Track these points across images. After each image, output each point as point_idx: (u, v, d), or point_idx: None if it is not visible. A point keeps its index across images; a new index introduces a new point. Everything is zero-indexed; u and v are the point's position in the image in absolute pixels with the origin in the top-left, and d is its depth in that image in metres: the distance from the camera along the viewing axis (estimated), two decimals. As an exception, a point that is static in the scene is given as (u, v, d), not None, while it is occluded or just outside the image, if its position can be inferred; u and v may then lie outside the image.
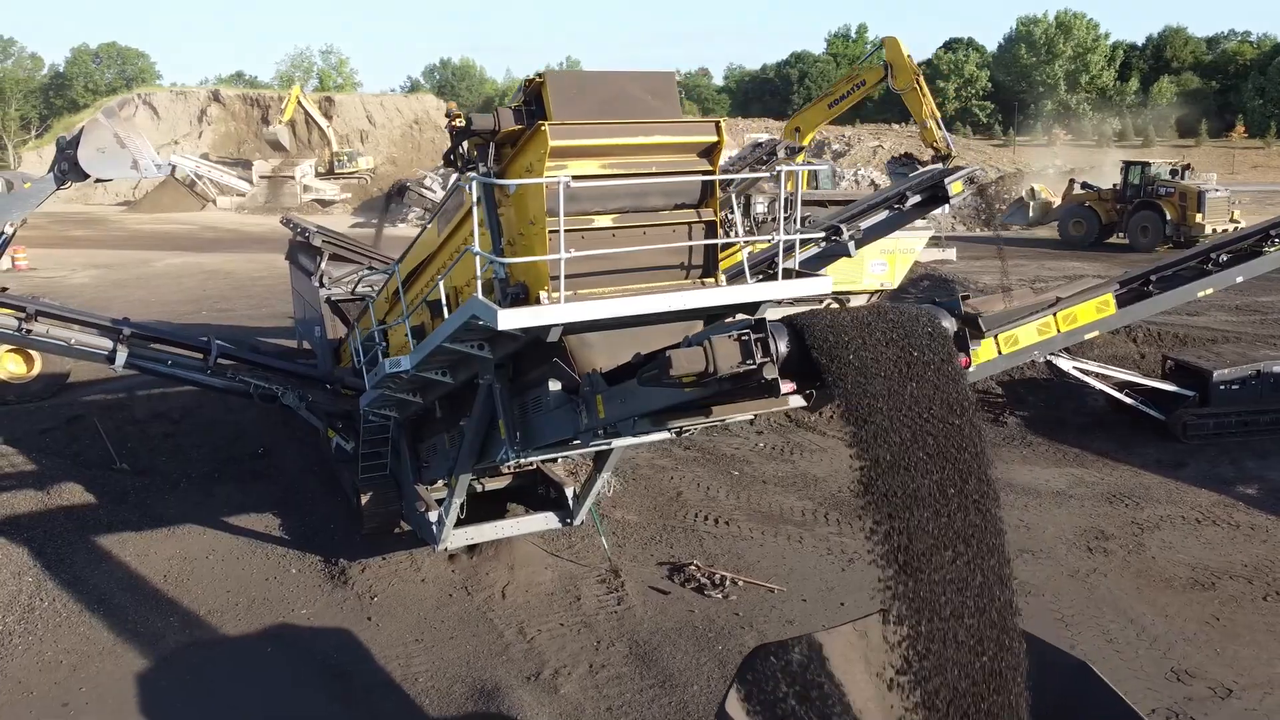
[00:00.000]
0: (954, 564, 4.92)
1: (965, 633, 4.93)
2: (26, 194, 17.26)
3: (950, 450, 4.90)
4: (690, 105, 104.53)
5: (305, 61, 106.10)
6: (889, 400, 4.80)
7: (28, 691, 9.08)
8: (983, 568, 5.02)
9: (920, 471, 4.83)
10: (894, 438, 4.81)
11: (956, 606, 4.91)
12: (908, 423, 4.83)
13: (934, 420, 4.87)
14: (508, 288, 7.13)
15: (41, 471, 13.58)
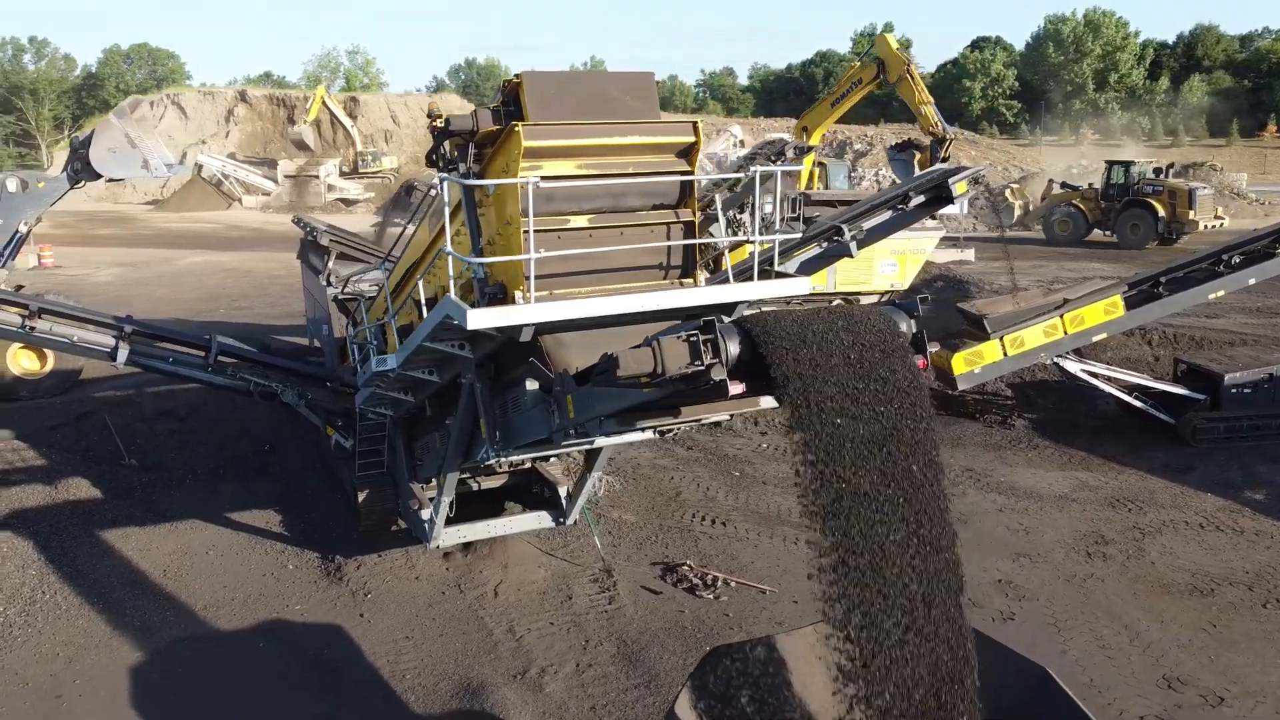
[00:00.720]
0: (900, 577, 4.86)
1: (912, 644, 4.88)
2: (40, 193, 17.61)
3: (902, 456, 4.85)
4: (714, 105, 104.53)
5: (332, 62, 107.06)
6: (838, 403, 4.76)
7: (24, 683, 9.23)
8: (930, 576, 4.96)
9: (870, 477, 4.78)
10: (843, 442, 4.77)
11: (901, 617, 4.86)
12: (858, 426, 4.79)
13: (886, 423, 4.83)
14: (486, 287, 7.16)
15: (50, 466, 13.78)
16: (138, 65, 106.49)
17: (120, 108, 17.31)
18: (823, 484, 4.74)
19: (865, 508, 4.73)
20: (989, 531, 12.04)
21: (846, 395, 4.76)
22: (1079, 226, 36.06)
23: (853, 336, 4.96)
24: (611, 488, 13.68)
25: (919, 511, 4.90)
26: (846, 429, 4.74)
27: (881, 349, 4.97)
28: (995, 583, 10.70)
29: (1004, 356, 14.89)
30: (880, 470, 4.77)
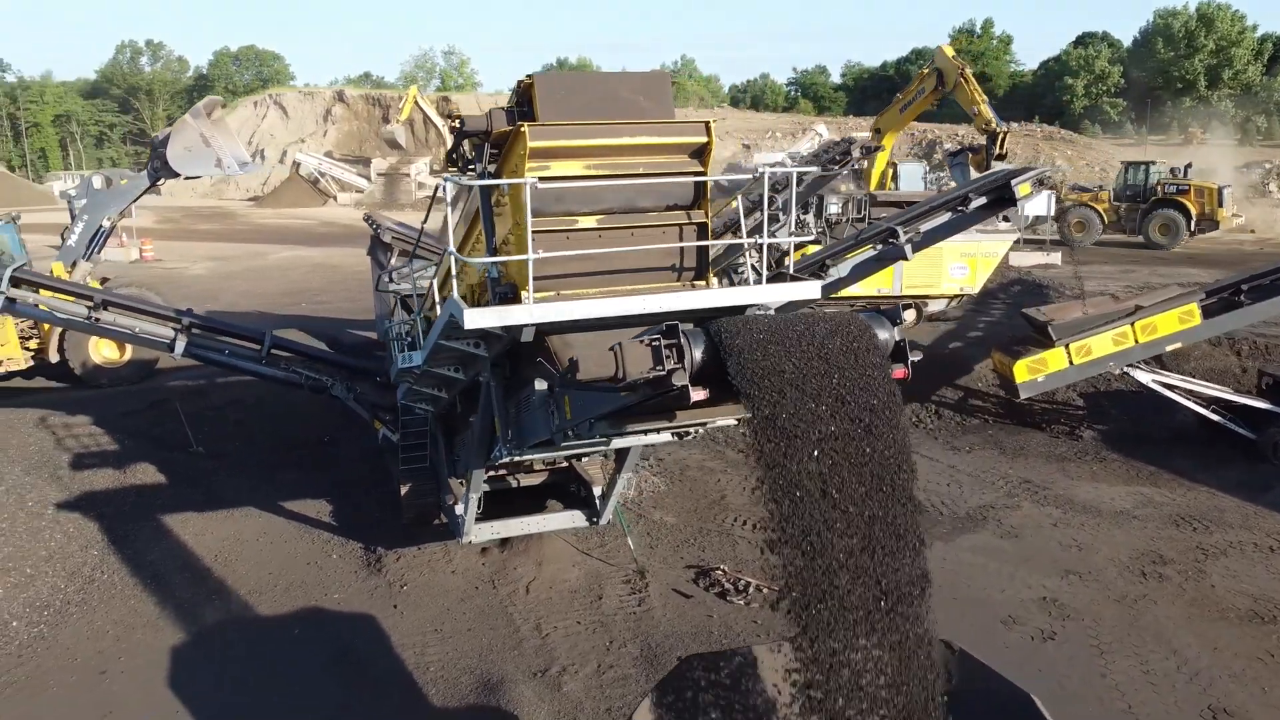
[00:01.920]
0: (863, 591, 4.68)
1: (871, 660, 4.70)
2: (123, 190, 18.44)
3: (872, 468, 4.68)
4: (805, 103, 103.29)
5: (428, 62, 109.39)
6: (803, 414, 4.61)
7: (73, 658, 9.67)
8: (896, 594, 4.77)
9: (836, 491, 4.61)
10: (807, 454, 4.61)
11: (860, 634, 4.68)
12: (823, 437, 4.63)
13: (855, 436, 4.66)
14: (498, 287, 7.20)
15: (122, 451, 14.40)
16: (245, 66, 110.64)
17: (196, 108, 17.91)
18: (784, 501, 4.60)
19: (828, 527, 4.58)
20: (1039, 546, 11.60)
21: (810, 406, 4.61)
22: (1093, 228, 35.09)
23: (821, 345, 4.81)
24: (656, 489, 13.64)
25: (886, 534, 4.71)
26: (809, 442, 4.59)
27: (852, 358, 4.81)
28: (1039, 600, 10.30)
29: (1069, 365, 14.35)
30: (844, 486, 4.61)
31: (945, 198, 13.71)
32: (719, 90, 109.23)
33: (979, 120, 26.14)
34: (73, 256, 18.73)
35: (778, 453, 4.63)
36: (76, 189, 19.52)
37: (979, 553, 11.45)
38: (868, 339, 4.99)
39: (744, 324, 4.97)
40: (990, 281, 22.61)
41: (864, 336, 4.99)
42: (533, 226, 6.81)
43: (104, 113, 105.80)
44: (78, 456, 14.06)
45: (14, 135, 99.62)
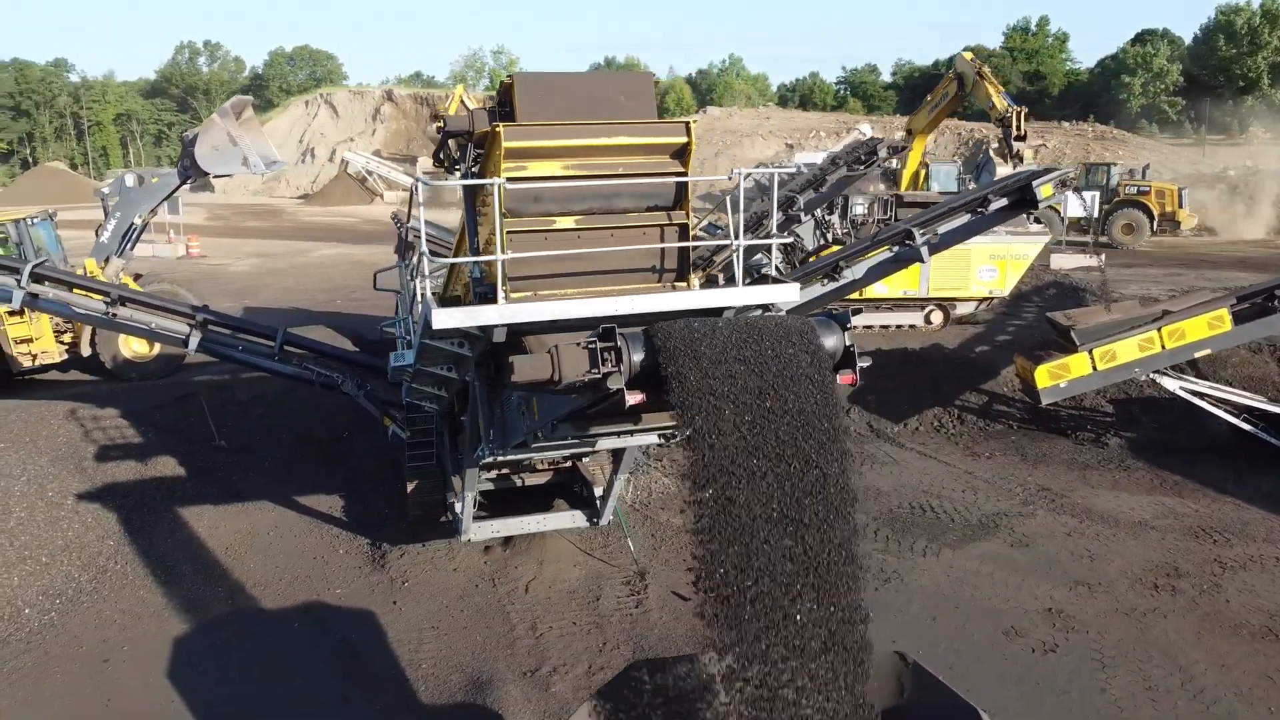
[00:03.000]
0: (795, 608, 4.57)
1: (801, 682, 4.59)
2: (155, 188, 18.86)
3: (805, 478, 4.57)
4: (854, 102, 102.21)
5: (477, 62, 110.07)
6: (735, 421, 4.52)
7: (79, 645, 9.89)
8: (827, 613, 4.65)
9: (766, 500, 4.52)
10: (737, 461, 4.52)
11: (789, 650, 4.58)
12: (756, 445, 4.54)
13: (790, 444, 4.57)
14: (479, 287, 7.20)
15: (146, 444, 14.71)
16: (299, 66, 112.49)
17: (223, 108, 18.26)
18: (711, 505, 4.53)
19: (756, 532, 4.49)
20: (1050, 556, 11.34)
21: (743, 410, 4.53)
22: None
23: (759, 350, 4.72)
24: (665, 489, 13.57)
25: (818, 544, 4.60)
26: (741, 446, 4.51)
27: (790, 363, 4.71)
28: (1044, 611, 10.07)
29: (1093, 371, 14.00)
30: (775, 494, 4.52)
31: (964, 199, 13.46)
32: (766, 89, 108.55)
33: (994, 112, 26.10)
34: (105, 253, 19.24)
35: (707, 457, 4.56)
36: (109, 187, 20.03)
37: (987, 561, 11.22)
38: (811, 344, 4.89)
39: (682, 328, 4.91)
40: (1024, 284, 22.21)
41: (809, 341, 4.89)
42: (511, 227, 6.83)
43: (163, 111, 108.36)
44: (103, 449, 14.39)
45: (77, 134, 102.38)
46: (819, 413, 4.68)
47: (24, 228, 17.54)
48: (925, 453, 15.09)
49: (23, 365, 17.30)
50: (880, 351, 17.81)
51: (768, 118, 63.60)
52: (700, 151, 56.76)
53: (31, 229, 17.64)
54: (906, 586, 10.69)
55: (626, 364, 4.86)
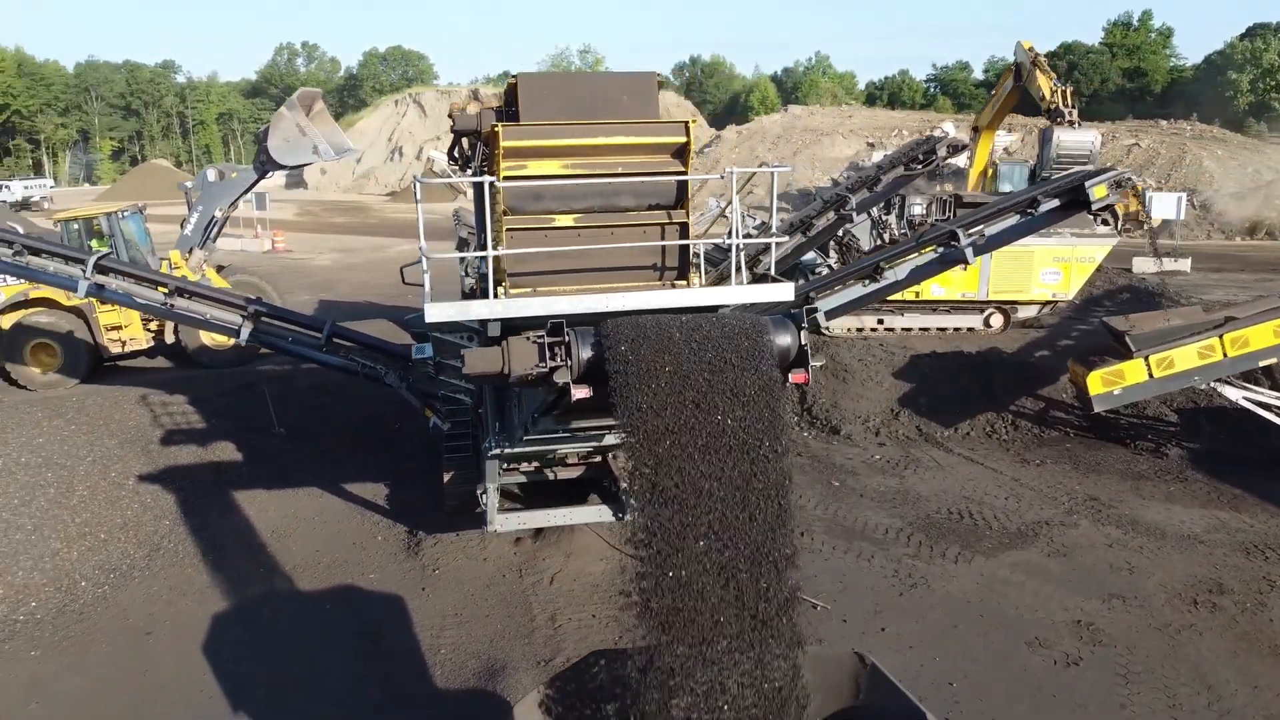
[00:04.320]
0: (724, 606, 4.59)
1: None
2: (234, 183, 19.71)
3: (744, 480, 4.57)
4: (944, 100, 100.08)
5: (564, 61, 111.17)
6: (674, 420, 4.56)
7: (125, 618, 10.43)
8: (756, 608, 4.65)
9: (703, 498, 4.54)
10: (673, 462, 4.54)
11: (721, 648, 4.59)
12: (695, 443, 4.57)
13: (731, 443, 4.58)
14: (484, 283, 7.39)
15: (208, 430, 15.38)
16: (392, 66, 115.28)
17: (290, 100, 19.03)
18: (648, 501, 4.58)
19: (691, 526, 4.53)
20: (1087, 567, 11.02)
21: (682, 407, 4.57)
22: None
23: (702, 348, 4.74)
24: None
25: (752, 533, 4.62)
26: (679, 444, 4.55)
27: (734, 360, 4.72)
28: (1072, 623, 9.80)
29: (1149, 378, 13.52)
30: (713, 490, 4.55)
31: (1013, 199, 13.14)
32: (853, 87, 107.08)
33: (1044, 102, 25.63)
34: (188, 245, 20.21)
35: (642, 452, 4.61)
36: (193, 181, 21.04)
37: (1020, 570, 10.97)
38: (757, 343, 4.90)
39: (627, 323, 4.97)
40: (1095, 287, 21.56)
41: (753, 340, 4.90)
42: (511, 224, 7.00)
43: (262, 111, 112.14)
44: (169, 433, 15.10)
45: (182, 132, 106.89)
46: (759, 409, 4.69)
47: (115, 221, 18.67)
48: (973, 458, 14.78)
49: (112, 351, 18.30)
50: (934, 354, 17.52)
51: (850, 116, 62.74)
52: (778, 150, 56.38)
53: (122, 222, 18.74)
54: (931, 592, 10.53)
55: (575, 359, 4.95)
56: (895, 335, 18.70)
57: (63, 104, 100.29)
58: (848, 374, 16.98)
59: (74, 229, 18.79)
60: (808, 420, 16.47)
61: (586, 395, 5.04)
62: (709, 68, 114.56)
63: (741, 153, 56.85)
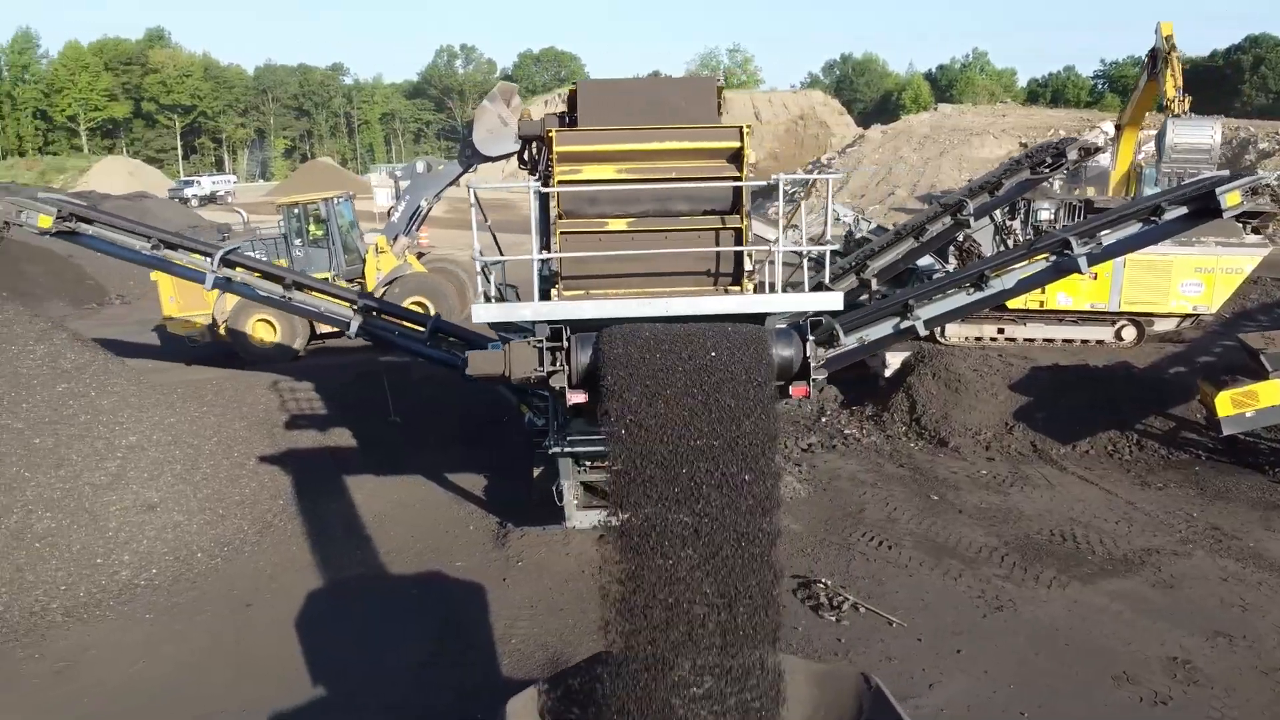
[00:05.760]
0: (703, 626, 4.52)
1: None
2: (440, 175, 20.93)
3: (729, 497, 4.50)
4: (1112, 97, 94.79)
5: (713, 61, 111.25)
6: (659, 428, 4.53)
7: (231, 590, 11.17)
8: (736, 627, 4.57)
9: (685, 502, 4.51)
10: (654, 476, 4.50)
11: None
12: (678, 454, 4.53)
13: (715, 456, 4.52)
14: (543, 284, 7.58)
15: (329, 416, 16.25)
16: (545, 67, 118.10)
17: (492, 93, 20.01)
18: (626, 506, 4.59)
19: (668, 534, 4.50)
20: (1194, 600, 10.31)
21: (668, 420, 4.54)
22: None
23: (698, 357, 4.70)
24: (795, 494, 13.45)
25: (732, 547, 4.55)
26: (666, 456, 4.52)
27: (727, 376, 4.66)
28: (1167, 659, 9.18)
29: (1287, 400, 12.53)
30: (693, 504, 4.51)
31: (1134, 206, 12.38)
32: (1012, 84, 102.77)
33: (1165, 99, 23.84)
34: (394, 232, 21.69)
35: (624, 460, 4.62)
36: (403, 171, 22.61)
37: (1118, 599, 10.36)
38: (755, 355, 4.82)
39: (625, 331, 4.98)
40: (1247, 301, 20.07)
41: (752, 352, 4.82)
42: (565, 228, 7.14)
43: (422, 111, 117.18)
44: (293, 417, 16.04)
45: (348, 131, 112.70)
46: (751, 421, 4.62)
47: (331, 206, 20.53)
48: (1088, 478, 14.03)
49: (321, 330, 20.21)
50: (1057, 367, 16.71)
51: (1003, 115, 60.29)
52: (924, 150, 54.80)
53: (336, 207, 20.60)
54: (1017, 616, 10.08)
55: (574, 364, 5.02)
56: (1016, 345, 17.91)
57: (243, 105, 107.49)
58: (961, 384, 16.39)
59: (294, 213, 21.09)
60: (915, 431, 16.01)
61: (582, 400, 5.11)
62: (860, 65, 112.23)
63: (885, 152, 55.50)
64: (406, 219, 21.83)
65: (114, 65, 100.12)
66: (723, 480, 4.56)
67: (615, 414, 4.60)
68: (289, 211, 21.36)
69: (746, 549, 4.62)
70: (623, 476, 4.63)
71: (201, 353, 20.71)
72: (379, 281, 21.39)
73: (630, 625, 4.68)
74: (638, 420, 4.58)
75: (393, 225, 21.91)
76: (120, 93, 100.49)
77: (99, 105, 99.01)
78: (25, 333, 12.96)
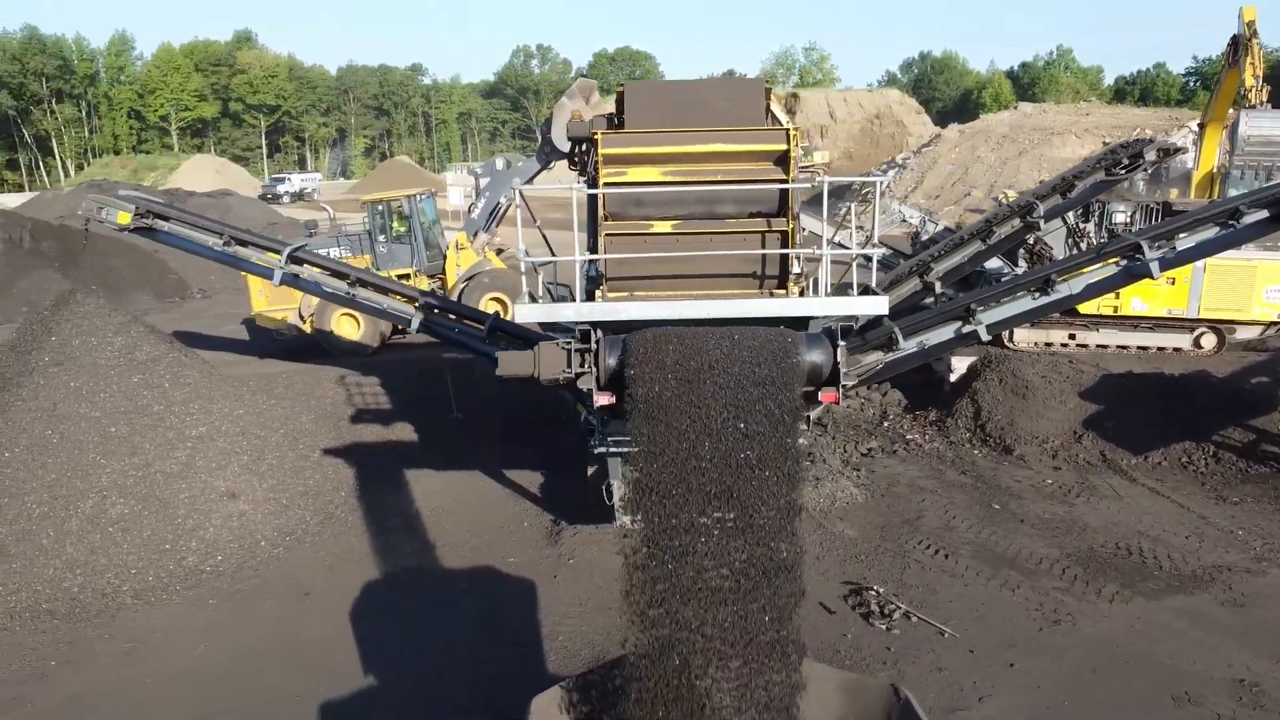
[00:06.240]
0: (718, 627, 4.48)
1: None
2: (520, 172, 21.30)
3: (748, 499, 4.45)
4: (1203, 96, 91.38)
5: (788, 59, 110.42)
6: (679, 433, 4.49)
7: (292, 578, 11.47)
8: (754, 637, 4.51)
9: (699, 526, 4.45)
10: (675, 478, 4.47)
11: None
12: (697, 457, 4.49)
13: (737, 460, 4.46)
14: (590, 285, 7.62)
15: (393, 410, 16.57)
16: (620, 66, 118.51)
17: (571, 90, 20.35)
18: (648, 509, 4.57)
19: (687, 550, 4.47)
20: (1266, 621, 9.89)
21: (690, 424, 4.51)
22: None
23: (726, 361, 4.65)
24: (852, 499, 13.29)
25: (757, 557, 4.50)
26: (688, 463, 4.49)
27: (753, 382, 4.60)
28: (1233, 681, 8.83)
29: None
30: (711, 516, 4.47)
31: (1212, 209, 11.92)
32: (1098, 82, 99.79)
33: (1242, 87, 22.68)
34: (474, 228, 22.14)
35: (645, 461, 4.61)
36: (482, 168, 23.05)
37: (1184, 617, 10.00)
38: (782, 362, 4.76)
39: (652, 334, 4.97)
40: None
41: (779, 359, 4.76)
42: (610, 229, 7.17)
43: (498, 110, 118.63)
44: (358, 411, 16.39)
45: (425, 130, 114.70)
46: (775, 430, 4.57)
47: (414, 203, 21.12)
48: (1159, 490, 13.56)
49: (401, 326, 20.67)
50: (1130, 374, 16.19)
51: (1086, 114, 58.59)
52: (1002, 150, 53.64)
53: (419, 204, 21.18)
54: (1076, 630, 9.80)
55: (601, 366, 5.03)
56: (1087, 352, 17.40)
57: (325, 105, 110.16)
58: (1028, 390, 15.99)
59: (378, 210, 21.66)
60: (979, 437, 15.67)
61: (608, 402, 5.13)
62: (939, 63, 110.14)
63: (961, 152, 54.43)
64: (486, 216, 22.25)
65: (204, 66, 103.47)
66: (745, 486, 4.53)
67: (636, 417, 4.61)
68: (373, 208, 21.97)
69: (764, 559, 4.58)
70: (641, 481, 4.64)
71: (287, 346, 21.40)
72: (459, 277, 21.80)
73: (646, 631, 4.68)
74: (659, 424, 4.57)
75: (472, 222, 22.35)
76: (209, 93, 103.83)
77: (189, 105, 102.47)
78: (104, 325, 13.48)
